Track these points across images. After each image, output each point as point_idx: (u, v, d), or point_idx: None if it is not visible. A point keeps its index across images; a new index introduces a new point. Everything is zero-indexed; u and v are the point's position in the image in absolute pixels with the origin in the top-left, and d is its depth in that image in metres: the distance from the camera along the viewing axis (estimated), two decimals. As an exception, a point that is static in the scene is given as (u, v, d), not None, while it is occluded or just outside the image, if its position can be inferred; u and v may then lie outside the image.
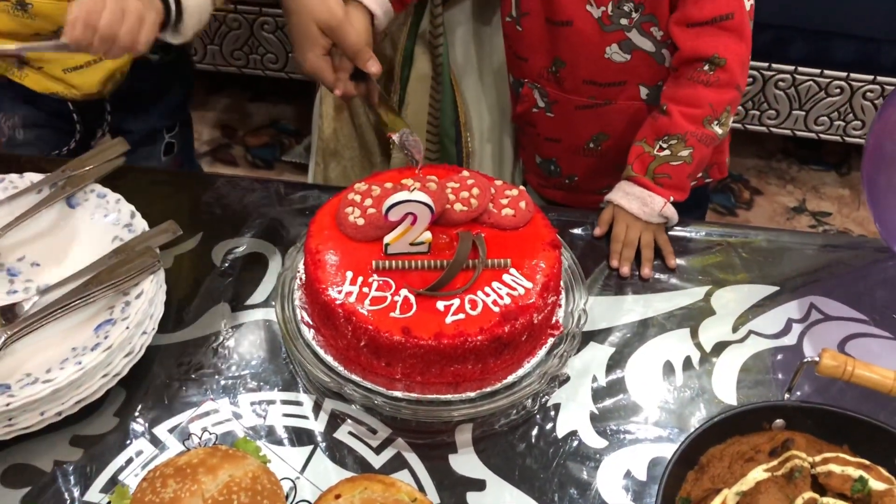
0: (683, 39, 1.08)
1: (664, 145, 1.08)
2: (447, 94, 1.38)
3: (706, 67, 1.07)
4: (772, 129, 2.25)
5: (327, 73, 1.06)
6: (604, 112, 1.20)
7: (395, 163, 1.46)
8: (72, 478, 0.81)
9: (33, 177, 1.00)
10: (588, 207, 1.14)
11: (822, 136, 2.26)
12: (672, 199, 1.07)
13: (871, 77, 2.11)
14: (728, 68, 1.06)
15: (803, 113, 2.21)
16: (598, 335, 0.97)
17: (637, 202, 1.07)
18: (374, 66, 1.04)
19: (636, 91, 1.17)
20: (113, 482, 0.80)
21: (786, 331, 0.99)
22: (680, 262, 1.06)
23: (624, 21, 1.10)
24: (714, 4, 1.06)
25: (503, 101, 1.43)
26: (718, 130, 1.09)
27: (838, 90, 2.15)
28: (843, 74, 2.12)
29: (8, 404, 0.77)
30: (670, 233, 1.09)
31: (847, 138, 2.25)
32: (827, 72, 2.13)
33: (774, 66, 2.12)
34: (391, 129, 1.04)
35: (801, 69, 2.11)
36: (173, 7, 0.99)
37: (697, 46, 1.07)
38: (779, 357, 0.96)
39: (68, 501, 0.79)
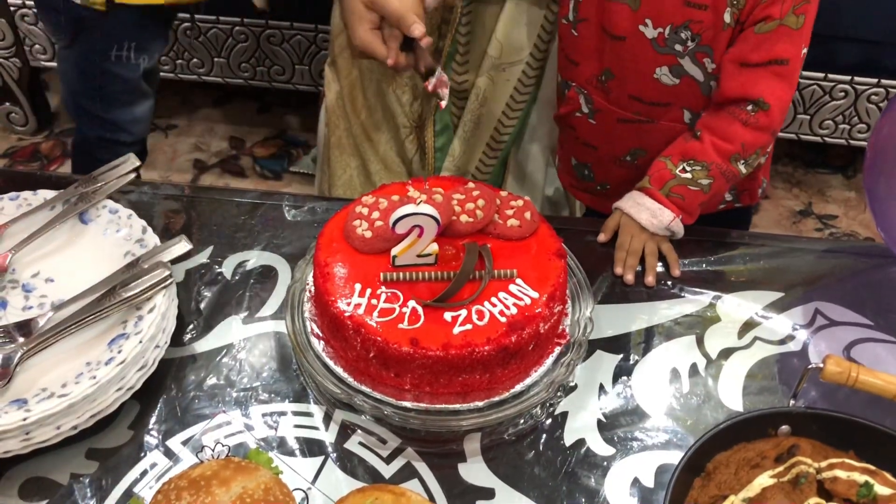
0: (733, 76, 1.06)
1: (687, 168, 1.08)
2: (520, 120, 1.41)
3: (749, 108, 1.06)
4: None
5: (378, 46, 1.06)
6: (645, 129, 1.18)
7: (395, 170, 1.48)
8: (88, 490, 0.82)
9: (47, 194, 1.02)
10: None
11: (827, 139, 2.25)
12: (680, 217, 1.08)
13: (875, 80, 2.11)
14: (770, 113, 1.06)
15: (808, 117, 2.21)
16: (605, 343, 0.97)
17: (646, 213, 1.08)
18: (416, 30, 1.02)
19: (680, 114, 1.15)
20: (128, 494, 0.81)
21: (791, 337, 0.99)
22: (685, 269, 1.07)
23: (678, 47, 1.08)
24: (773, 48, 1.04)
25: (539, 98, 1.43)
26: (743, 169, 1.09)
27: (843, 93, 2.15)
28: (848, 78, 2.12)
29: (25, 419, 0.78)
30: (675, 239, 1.10)
31: (852, 141, 2.25)
32: (831, 75, 2.13)
33: (778, 70, 2.12)
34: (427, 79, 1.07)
35: (805, 73, 2.11)
36: None
37: (745, 87, 1.06)
38: (784, 363, 0.96)
39: (84, 514, 0.81)
